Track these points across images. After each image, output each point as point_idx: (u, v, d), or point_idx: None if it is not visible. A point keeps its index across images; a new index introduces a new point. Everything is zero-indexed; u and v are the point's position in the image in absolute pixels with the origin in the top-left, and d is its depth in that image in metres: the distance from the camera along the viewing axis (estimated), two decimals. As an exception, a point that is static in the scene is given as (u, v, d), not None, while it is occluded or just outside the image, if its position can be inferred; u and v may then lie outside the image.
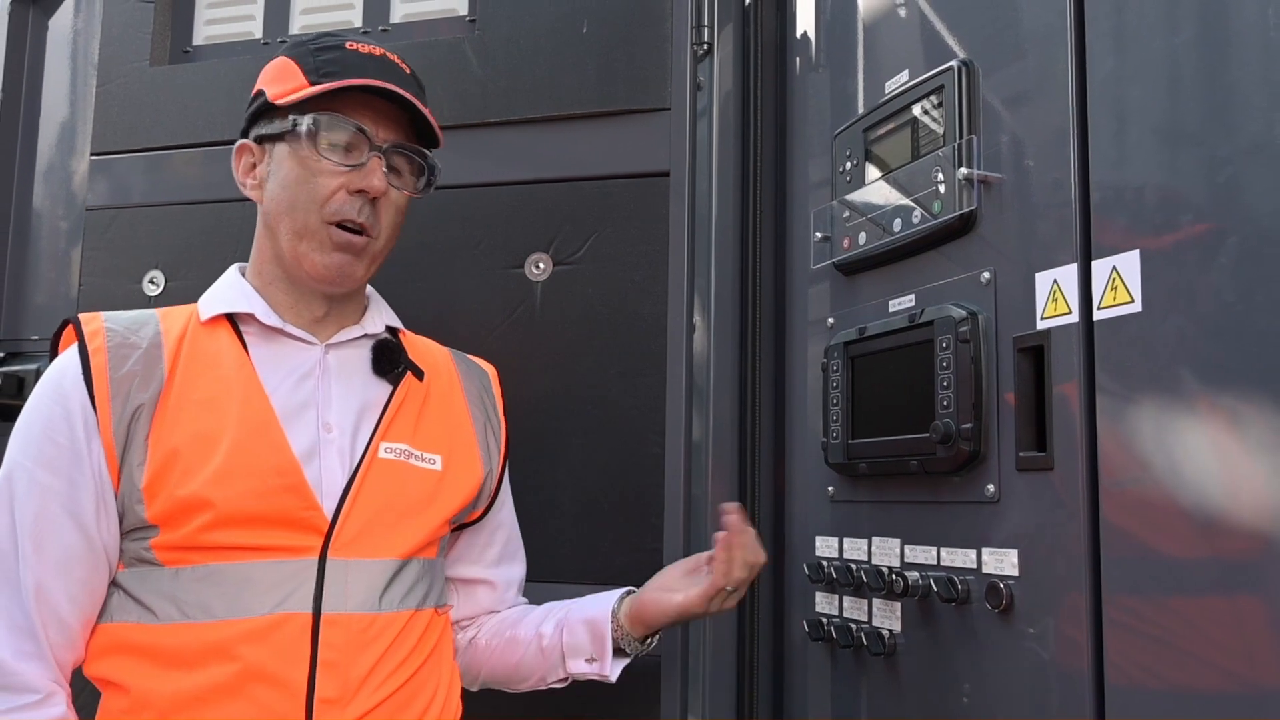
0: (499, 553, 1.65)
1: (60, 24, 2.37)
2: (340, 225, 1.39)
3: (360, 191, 1.38)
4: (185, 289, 2.02)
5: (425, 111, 1.42)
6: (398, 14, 2.10)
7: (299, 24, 2.15)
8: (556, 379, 1.84)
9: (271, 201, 1.42)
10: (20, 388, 2.20)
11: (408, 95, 1.39)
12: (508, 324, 1.88)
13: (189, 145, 2.08)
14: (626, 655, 1.55)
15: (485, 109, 1.93)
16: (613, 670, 1.54)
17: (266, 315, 1.42)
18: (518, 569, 1.69)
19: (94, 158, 2.14)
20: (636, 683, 1.74)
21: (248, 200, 1.98)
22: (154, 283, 2.05)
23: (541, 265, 1.89)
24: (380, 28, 2.09)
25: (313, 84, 1.38)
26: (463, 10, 2.06)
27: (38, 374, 2.18)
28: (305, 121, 1.38)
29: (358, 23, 2.11)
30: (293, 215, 1.39)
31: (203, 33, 2.20)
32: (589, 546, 1.79)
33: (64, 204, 2.28)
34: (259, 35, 2.16)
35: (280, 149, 1.41)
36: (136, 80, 2.13)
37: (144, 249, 2.07)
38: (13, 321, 2.27)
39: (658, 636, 1.57)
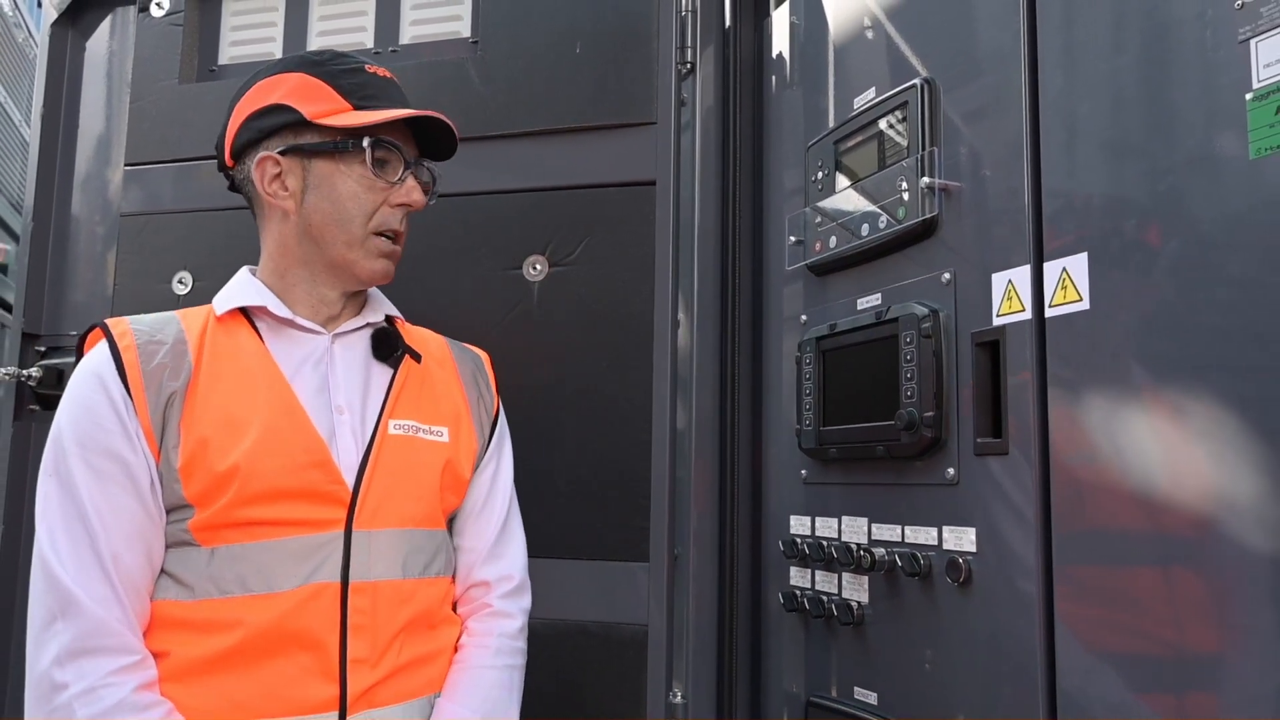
0: (478, 528, 1.53)
1: (96, 45, 2.35)
2: (380, 234, 1.42)
3: (401, 205, 1.42)
4: (212, 289, 1.96)
5: (453, 128, 1.46)
6: (406, 36, 2.08)
7: (315, 45, 2.12)
8: (552, 371, 1.83)
9: (316, 214, 1.40)
10: (59, 379, 2.17)
11: (448, 121, 1.44)
12: (507, 321, 1.87)
13: (215, 156, 2.06)
14: None
15: (487, 123, 1.91)
16: None
17: (278, 308, 1.42)
18: (501, 556, 1.53)
19: (127, 168, 2.13)
20: (624, 650, 1.74)
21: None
22: (182, 283, 2.03)
23: (538, 266, 1.88)
24: (390, 48, 2.06)
25: (356, 107, 1.40)
26: (466, 32, 2.04)
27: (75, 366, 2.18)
28: (365, 144, 1.38)
29: (369, 44, 2.09)
30: (343, 227, 1.40)
31: (227, 53, 2.18)
32: (582, 525, 1.78)
33: (100, 210, 2.26)
34: (279, 55, 2.14)
35: (322, 165, 1.40)
36: (166, 96, 2.12)
37: (173, 252, 2.05)
38: (53, 319, 2.25)
39: None
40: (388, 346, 1.48)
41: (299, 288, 1.44)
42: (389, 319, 1.54)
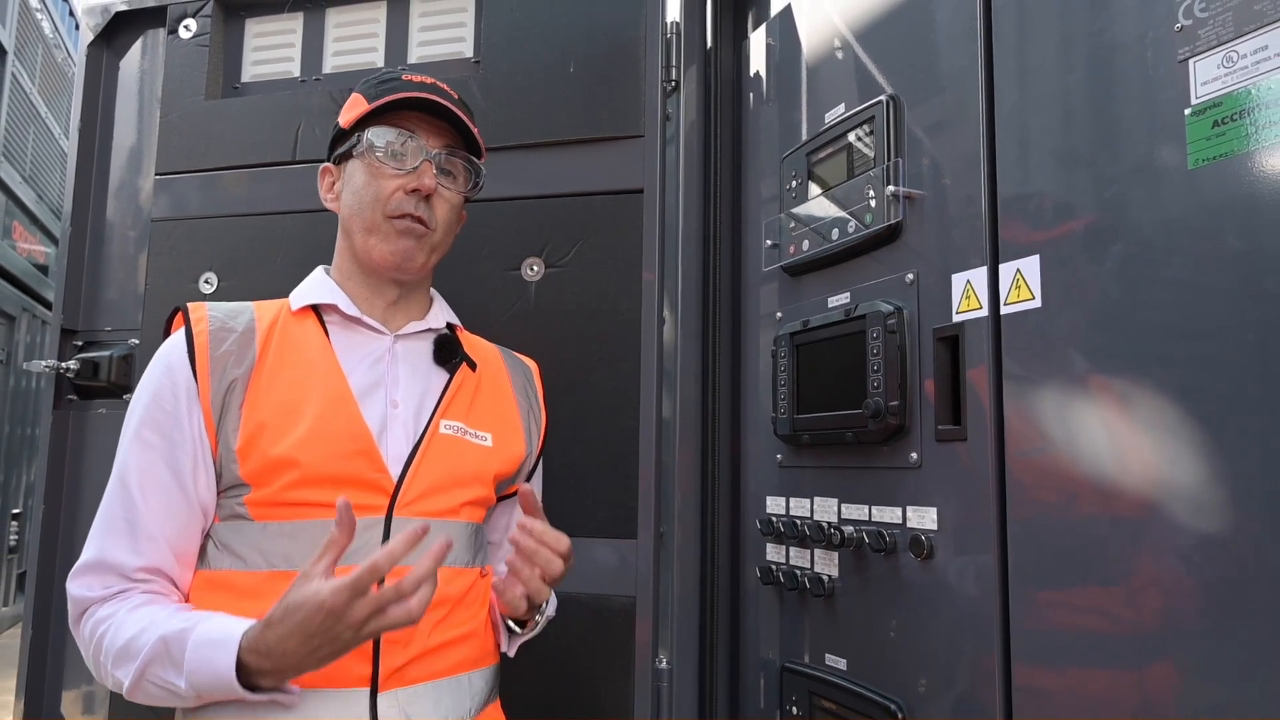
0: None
1: (129, 64, 2.32)
2: (397, 218, 1.38)
3: (415, 190, 1.37)
4: (235, 289, 1.98)
5: (464, 117, 1.41)
6: (414, 55, 2.06)
7: (330, 64, 2.10)
8: (548, 364, 1.80)
9: (345, 208, 1.41)
10: (95, 371, 2.15)
11: (444, 103, 1.38)
12: (507, 318, 1.85)
13: (238, 166, 2.05)
14: (518, 633, 1.44)
15: (488, 136, 1.87)
16: (509, 646, 1.45)
17: (348, 306, 1.40)
18: None
19: (158, 177, 2.10)
20: (614, 620, 1.73)
21: (288, 213, 1.99)
22: (208, 283, 2.01)
23: (535, 268, 1.86)
24: (399, 67, 2.04)
25: (370, 105, 1.40)
26: (469, 53, 2.02)
27: (111, 359, 2.15)
28: (367, 134, 1.38)
29: (380, 62, 2.06)
30: (361, 215, 1.38)
31: (250, 71, 2.16)
32: (576, 505, 1.77)
33: (132, 216, 2.24)
34: (297, 74, 2.12)
35: (351, 164, 1.41)
36: (194, 112, 2.09)
37: (200, 254, 2.03)
38: (90, 315, 2.23)
39: (539, 619, 1.43)
40: (448, 352, 1.45)
41: (353, 281, 1.42)
42: (450, 326, 1.51)
